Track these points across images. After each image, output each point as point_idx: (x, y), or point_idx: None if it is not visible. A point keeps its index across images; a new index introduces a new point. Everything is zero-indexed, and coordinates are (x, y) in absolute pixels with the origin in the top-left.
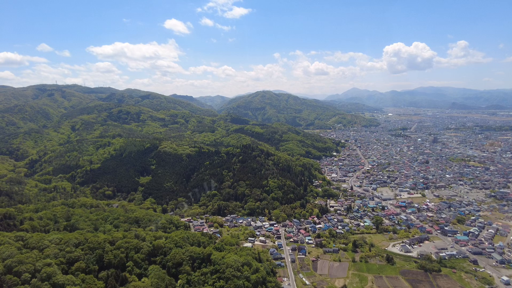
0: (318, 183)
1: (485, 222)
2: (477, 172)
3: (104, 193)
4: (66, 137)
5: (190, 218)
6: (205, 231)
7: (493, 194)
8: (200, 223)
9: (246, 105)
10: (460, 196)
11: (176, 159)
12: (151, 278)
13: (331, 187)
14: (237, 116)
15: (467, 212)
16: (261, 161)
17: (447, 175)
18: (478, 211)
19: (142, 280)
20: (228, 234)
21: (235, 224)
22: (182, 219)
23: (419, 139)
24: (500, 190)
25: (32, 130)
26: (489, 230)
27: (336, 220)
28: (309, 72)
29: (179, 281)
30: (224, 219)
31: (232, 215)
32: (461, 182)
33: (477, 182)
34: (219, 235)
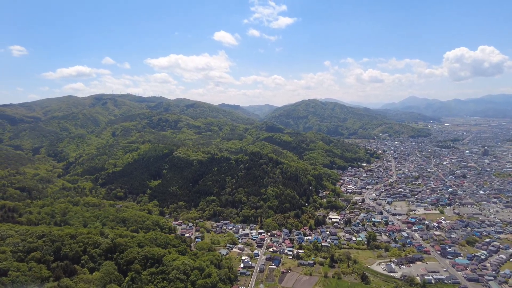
0: (324, 194)
1: (501, 246)
2: None
3: (116, 194)
4: (105, 142)
5: (182, 221)
6: (187, 234)
7: None
8: (189, 227)
9: (288, 114)
10: (485, 215)
11: (187, 164)
12: (101, 273)
13: (340, 198)
14: (273, 124)
15: (485, 233)
16: (266, 169)
17: (481, 191)
18: (500, 233)
19: (94, 273)
20: (210, 239)
21: (223, 230)
22: (174, 222)
23: (467, 151)
24: None
25: (77, 135)
26: (501, 256)
27: (328, 233)
28: (363, 80)
29: (126, 278)
30: (215, 224)
31: (225, 221)
32: (496, 200)
33: None
34: (199, 240)
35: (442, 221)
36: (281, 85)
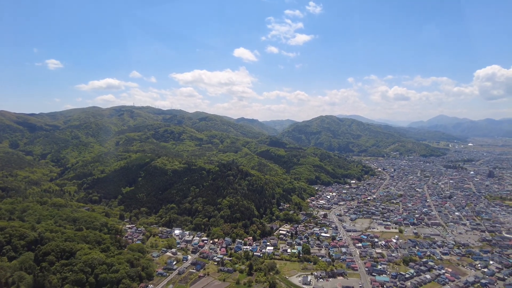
0: (285, 207)
1: (435, 266)
2: (503, 213)
3: (91, 198)
4: (106, 150)
5: (134, 225)
6: (130, 237)
7: (489, 238)
8: (138, 230)
9: (301, 129)
10: (443, 236)
11: (161, 173)
12: (17, 261)
13: (301, 212)
14: (277, 139)
15: (429, 253)
16: (231, 180)
17: (457, 213)
18: (446, 254)
19: (12, 262)
20: (150, 243)
21: (168, 236)
22: (127, 226)
23: (472, 172)
24: (505, 235)
25: (81, 143)
26: (426, 275)
27: (269, 243)
28: (388, 98)
29: (38, 267)
30: (165, 230)
31: (176, 228)
32: (467, 222)
33: (486, 224)
34: (139, 242)
35: (394, 240)
36: (305, 100)
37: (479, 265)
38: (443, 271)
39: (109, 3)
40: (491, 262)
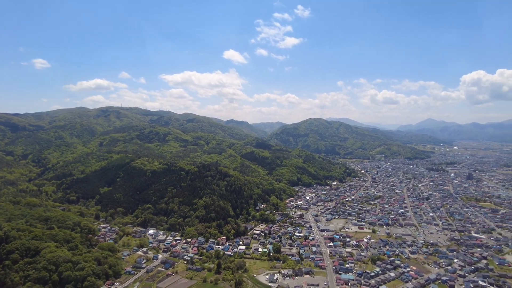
0: (262, 207)
1: (401, 265)
2: (475, 214)
3: (69, 198)
4: (90, 151)
5: (109, 225)
6: (102, 236)
7: (457, 237)
8: (112, 230)
9: (290, 132)
10: (414, 236)
11: (140, 174)
12: None
13: (278, 212)
14: (264, 141)
15: (397, 252)
16: (209, 181)
17: (431, 214)
18: (414, 253)
19: None
20: (122, 242)
21: (141, 235)
22: (102, 225)
23: (452, 175)
24: (473, 234)
25: (64, 143)
26: (391, 273)
27: (242, 243)
28: (377, 101)
29: (0, 265)
30: (139, 230)
31: (151, 228)
32: (439, 222)
33: (457, 224)
34: (111, 241)
35: (365, 240)
36: (295, 103)
37: (443, 263)
38: (408, 269)
39: (98, 3)
40: (455, 260)
